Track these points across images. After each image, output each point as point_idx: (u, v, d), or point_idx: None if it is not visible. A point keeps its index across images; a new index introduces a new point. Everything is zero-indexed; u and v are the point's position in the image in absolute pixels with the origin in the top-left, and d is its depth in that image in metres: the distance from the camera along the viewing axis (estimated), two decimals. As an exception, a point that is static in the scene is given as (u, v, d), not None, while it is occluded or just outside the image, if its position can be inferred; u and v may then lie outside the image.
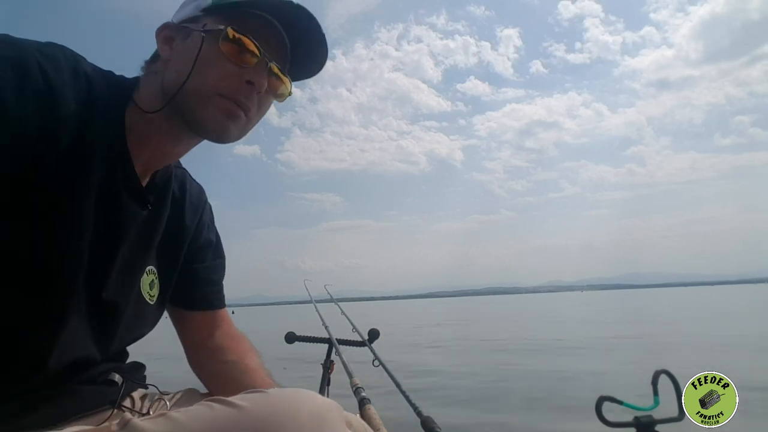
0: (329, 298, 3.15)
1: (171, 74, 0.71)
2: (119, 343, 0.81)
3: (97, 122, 0.67)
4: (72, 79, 0.65)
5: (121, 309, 0.78)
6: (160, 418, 0.56)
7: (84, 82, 0.67)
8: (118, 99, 0.72)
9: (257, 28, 0.71)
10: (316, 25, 0.74)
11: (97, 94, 0.68)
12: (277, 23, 0.72)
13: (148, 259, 0.83)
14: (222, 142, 0.74)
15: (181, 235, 0.90)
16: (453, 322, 23.40)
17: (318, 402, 0.61)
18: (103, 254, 0.71)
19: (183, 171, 0.92)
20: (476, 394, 5.58)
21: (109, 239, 0.72)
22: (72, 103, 0.64)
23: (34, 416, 0.67)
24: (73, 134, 0.64)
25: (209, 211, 1.00)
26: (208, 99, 0.70)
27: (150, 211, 0.79)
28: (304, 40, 0.76)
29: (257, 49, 0.71)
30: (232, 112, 0.72)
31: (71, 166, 0.64)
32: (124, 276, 0.77)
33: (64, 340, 0.68)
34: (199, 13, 0.72)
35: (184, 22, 0.73)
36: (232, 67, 0.70)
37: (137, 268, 0.80)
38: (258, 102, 0.75)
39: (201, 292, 0.97)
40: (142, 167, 0.75)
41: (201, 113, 0.71)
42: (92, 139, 0.66)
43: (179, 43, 0.72)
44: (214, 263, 0.99)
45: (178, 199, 0.89)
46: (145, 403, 0.87)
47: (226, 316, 1.03)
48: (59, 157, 0.63)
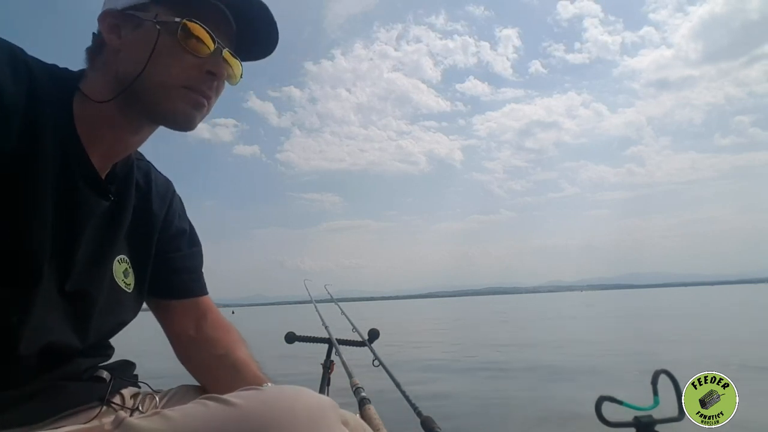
0: (329, 298, 3.15)
1: (127, 64, 0.70)
2: (97, 332, 0.80)
3: (43, 114, 0.66)
4: (10, 69, 0.63)
5: (92, 297, 0.77)
6: (155, 417, 0.56)
7: (24, 72, 0.65)
8: (63, 90, 0.70)
9: (207, 15, 0.71)
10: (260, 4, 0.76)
11: (40, 84, 0.66)
12: (223, 7, 0.72)
13: (116, 248, 0.82)
14: (186, 131, 0.76)
15: (150, 224, 0.90)
16: (453, 322, 23.40)
17: (314, 399, 0.60)
18: (66, 244, 0.71)
19: (147, 163, 0.92)
20: (476, 394, 5.58)
21: (70, 229, 0.71)
22: (13, 94, 0.62)
23: (15, 412, 0.65)
24: (20, 127, 0.63)
25: (179, 202, 0.99)
26: (173, 91, 0.71)
27: (113, 201, 0.78)
28: (254, 20, 0.77)
29: (212, 38, 0.72)
30: (199, 103, 0.74)
31: (23, 159, 0.63)
32: (91, 265, 0.76)
33: (32, 326, 0.67)
34: (145, 0, 0.70)
35: (130, 9, 0.71)
36: (192, 59, 0.71)
37: (105, 257, 0.79)
38: (216, 89, 0.76)
39: (180, 279, 0.97)
40: (98, 158, 0.74)
41: (167, 105, 0.71)
42: (41, 131, 0.65)
43: (129, 32, 0.71)
44: (190, 251, 0.99)
45: (143, 189, 0.88)
46: (136, 401, 0.86)
47: (211, 305, 1.02)
48: (9, 151, 0.62)
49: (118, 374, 0.84)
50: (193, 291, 0.99)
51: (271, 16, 0.78)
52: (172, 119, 0.74)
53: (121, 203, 0.81)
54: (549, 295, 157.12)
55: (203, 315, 0.99)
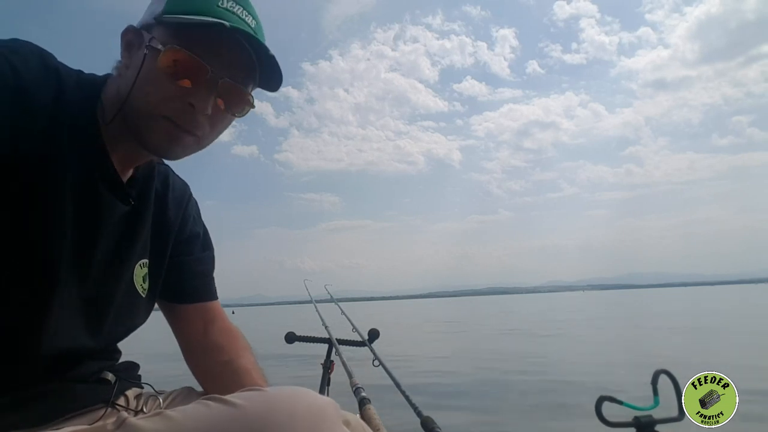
0: (329, 298, 3.16)
1: (123, 84, 0.69)
2: (110, 335, 0.81)
3: (69, 117, 0.67)
4: (41, 73, 0.65)
5: (108, 300, 0.77)
6: (156, 417, 0.56)
7: (54, 76, 0.67)
8: (89, 96, 0.71)
9: (207, 41, 0.67)
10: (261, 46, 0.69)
11: (68, 89, 0.68)
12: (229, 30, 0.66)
13: (137, 252, 0.83)
14: (169, 159, 0.75)
15: (166, 229, 0.90)
16: (453, 322, 23.39)
17: (315, 400, 0.61)
18: (85, 248, 0.71)
19: (166, 167, 0.93)
20: (476, 394, 5.58)
21: (90, 233, 0.72)
22: (43, 97, 0.64)
23: (24, 413, 0.66)
24: (45, 129, 0.64)
25: (194, 205, 1.00)
26: (150, 120, 0.68)
27: (133, 206, 0.79)
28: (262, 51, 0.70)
29: (201, 68, 0.67)
30: (175, 136, 0.69)
31: (46, 160, 0.64)
32: (110, 269, 0.77)
33: (50, 329, 0.68)
34: (152, 20, 0.69)
35: (143, 28, 0.70)
36: (172, 88, 0.67)
37: (124, 261, 0.80)
38: (211, 122, 0.72)
39: (191, 284, 0.97)
40: (120, 162, 0.75)
41: (146, 134, 0.69)
42: (65, 133, 0.66)
43: (135, 51, 0.70)
44: (202, 255, 0.99)
45: (161, 194, 0.89)
46: (140, 402, 0.86)
47: (220, 310, 1.02)
48: (34, 152, 0.63)
49: (123, 376, 0.85)
50: (202, 296, 0.99)
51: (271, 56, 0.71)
52: (153, 149, 0.71)
53: (140, 207, 0.82)
54: (549, 295, 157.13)
55: (211, 320, 0.99)
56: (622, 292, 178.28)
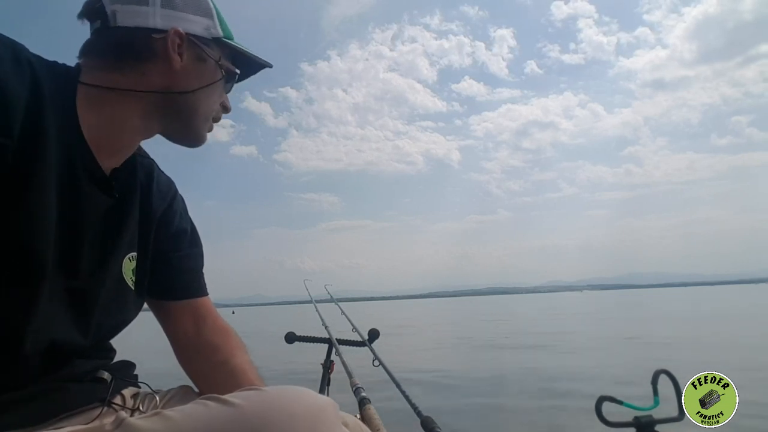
0: (329, 298, 3.16)
1: (180, 86, 0.79)
2: (99, 329, 0.79)
3: (46, 110, 0.66)
4: (14, 67, 0.63)
5: (96, 294, 0.76)
6: (154, 417, 0.56)
7: (27, 69, 0.65)
8: (66, 87, 0.70)
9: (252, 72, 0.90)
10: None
11: (43, 81, 0.66)
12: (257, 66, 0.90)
13: (125, 245, 0.82)
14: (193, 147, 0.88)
15: (151, 222, 0.90)
16: (453, 322, 23.40)
17: (314, 399, 0.61)
18: (70, 242, 0.70)
19: (150, 161, 0.93)
20: (476, 394, 5.58)
21: (75, 226, 0.71)
22: (16, 91, 0.62)
23: (19, 413, 0.65)
24: (23, 124, 0.63)
25: (180, 201, 0.99)
26: (205, 120, 0.85)
27: (117, 198, 0.78)
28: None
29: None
30: (211, 130, 0.88)
31: (26, 155, 0.63)
32: (96, 263, 0.76)
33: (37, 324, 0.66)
34: (209, 37, 0.80)
35: (195, 38, 0.78)
36: (222, 97, 0.87)
37: (110, 254, 0.79)
38: None
39: (180, 280, 0.96)
40: (103, 155, 0.74)
41: (196, 129, 0.84)
42: (44, 127, 0.65)
43: (191, 60, 0.78)
44: (190, 251, 0.99)
45: (145, 186, 0.89)
46: (137, 402, 0.85)
47: (211, 308, 1.01)
48: (14, 147, 0.62)
49: (119, 375, 0.84)
50: (192, 292, 0.98)
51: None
52: (192, 138, 0.85)
53: (125, 200, 0.81)
54: (549, 295, 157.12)
55: (203, 318, 0.98)
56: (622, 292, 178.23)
